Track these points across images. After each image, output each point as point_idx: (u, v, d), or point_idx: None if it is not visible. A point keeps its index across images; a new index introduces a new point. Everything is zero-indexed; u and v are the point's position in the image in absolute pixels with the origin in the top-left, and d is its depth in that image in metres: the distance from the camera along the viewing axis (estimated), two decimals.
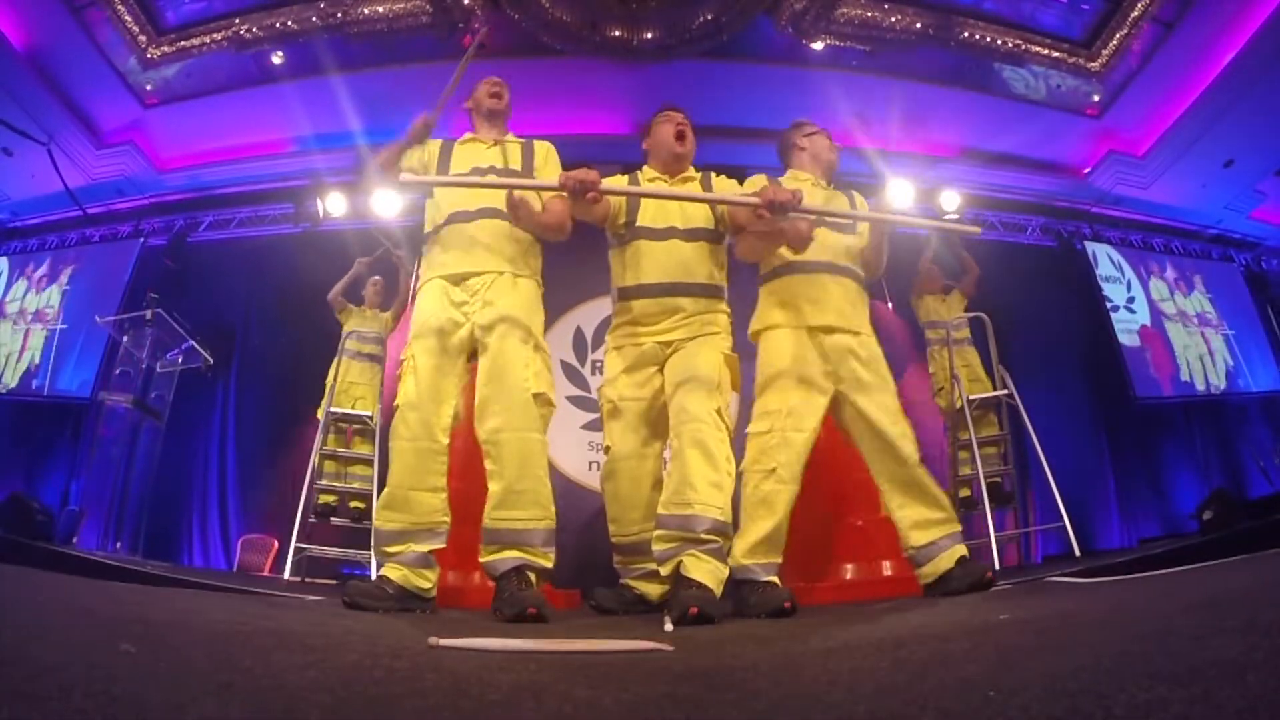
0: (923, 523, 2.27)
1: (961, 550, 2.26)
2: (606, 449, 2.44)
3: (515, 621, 1.81)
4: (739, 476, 2.27)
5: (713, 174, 2.63)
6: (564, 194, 2.15)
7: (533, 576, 1.98)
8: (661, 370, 2.38)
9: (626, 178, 2.60)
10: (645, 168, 2.64)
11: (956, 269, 5.30)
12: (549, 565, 2.02)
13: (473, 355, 2.22)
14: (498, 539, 2.01)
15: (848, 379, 2.35)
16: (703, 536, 2.01)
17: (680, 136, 2.55)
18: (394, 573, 2.03)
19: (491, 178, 2.30)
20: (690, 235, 2.42)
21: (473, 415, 2.15)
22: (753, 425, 2.34)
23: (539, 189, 2.24)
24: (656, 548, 2.10)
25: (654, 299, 2.37)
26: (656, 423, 2.38)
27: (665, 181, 2.55)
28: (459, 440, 2.22)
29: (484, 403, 2.09)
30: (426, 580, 2.05)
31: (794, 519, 2.27)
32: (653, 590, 2.40)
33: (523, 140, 2.46)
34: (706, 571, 1.99)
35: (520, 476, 2.02)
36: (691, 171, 2.62)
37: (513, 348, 2.11)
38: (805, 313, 2.40)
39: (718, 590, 2.00)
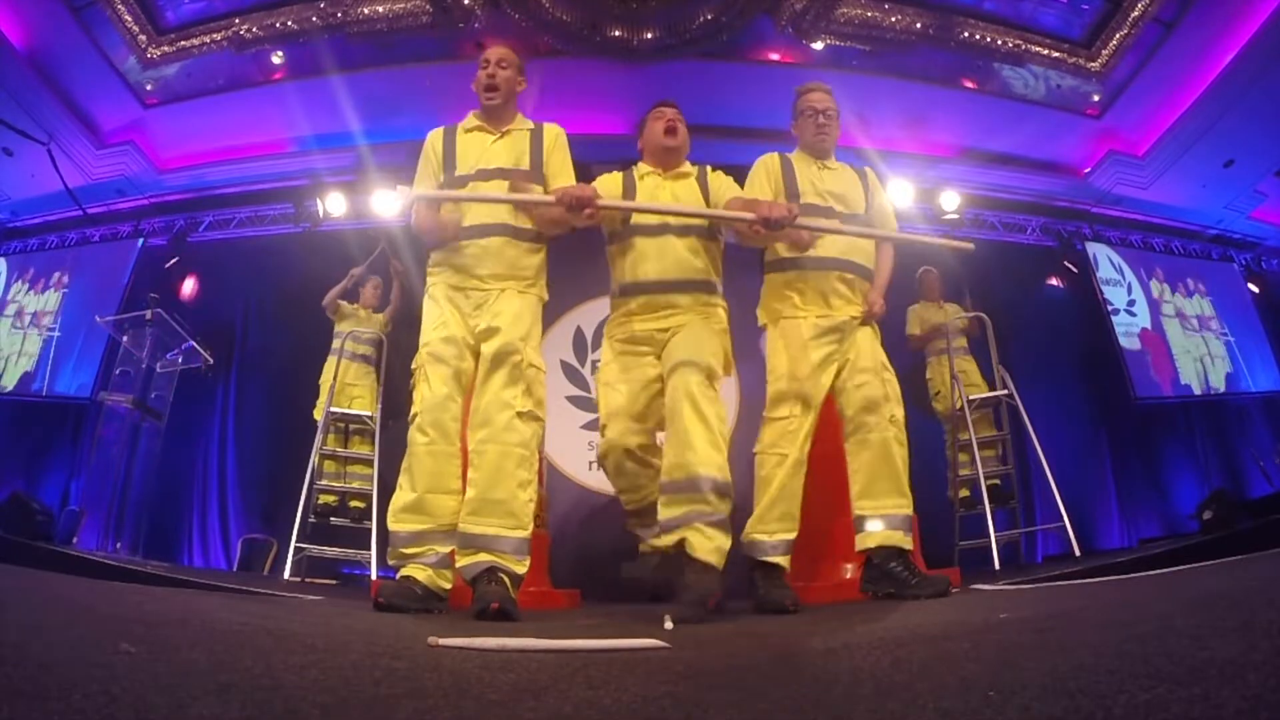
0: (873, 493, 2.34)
1: (903, 540, 2.32)
2: (602, 429, 2.43)
3: (481, 619, 1.81)
4: (753, 457, 2.38)
5: (708, 168, 2.62)
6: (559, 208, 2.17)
7: (505, 579, 1.99)
8: (657, 356, 2.38)
9: (622, 175, 2.60)
10: (640, 164, 2.64)
11: (960, 277, 5.31)
12: (520, 572, 2.03)
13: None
14: (469, 543, 2.03)
15: (848, 351, 2.42)
16: (709, 499, 2.04)
17: (670, 131, 2.55)
18: (420, 573, 2.05)
19: (495, 186, 2.28)
20: (684, 231, 2.43)
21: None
22: (772, 410, 2.39)
23: (535, 203, 2.24)
24: (664, 515, 2.12)
25: (651, 295, 2.40)
26: (649, 406, 2.37)
27: (659, 176, 2.55)
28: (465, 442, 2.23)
29: (473, 414, 2.15)
30: (447, 581, 2.09)
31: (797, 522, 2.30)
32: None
33: (531, 128, 2.40)
34: (712, 549, 2.03)
35: (494, 486, 2.03)
36: (687, 166, 2.61)
37: (504, 368, 2.13)
38: (816, 307, 2.44)
39: (720, 563, 2.04)
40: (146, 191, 6.56)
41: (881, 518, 2.31)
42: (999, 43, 5.60)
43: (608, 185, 2.52)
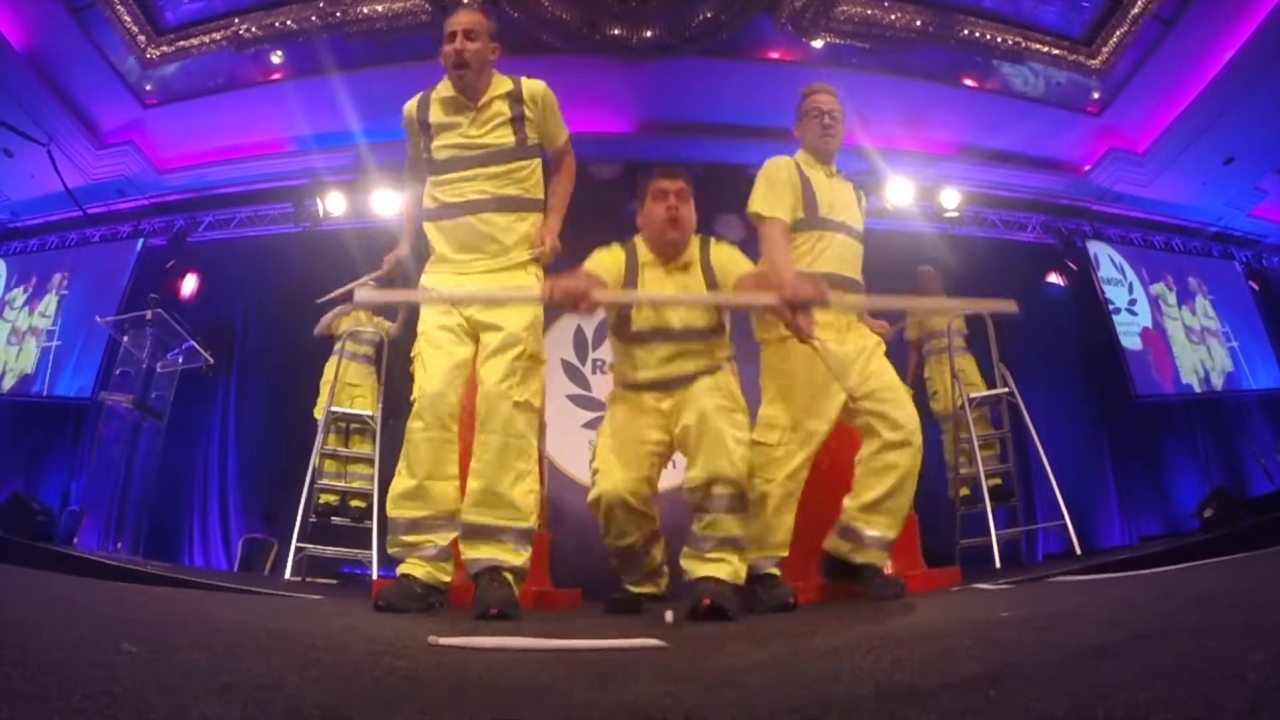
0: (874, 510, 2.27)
1: (885, 560, 2.28)
2: (594, 475, 2.30)
3: (482, 620, 1.81)
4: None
5: (711, 242, 2.43)
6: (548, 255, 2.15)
7: (509, 576, 1.98)
8: (661, 427, 2.28)
9: (624, 254, 2.40)
10: (640, 243, 2.44)
11: (959, 276, 5.32)
12: (521, 564, 2.02)
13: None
14: (473, 534, 2.02)
15: (857, 385, 2.31)
16: (719, 515, 2.02)
17: (674, 222, 2.32)
18: (418, 569, 2.04)
19: (478, 174, 2.17)
20: (687, 336, 2.30)
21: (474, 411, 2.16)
22: (759, 434, 2.29)
23: (519, 300, 2.12)
24: (695, 529, 2.10)
25: (656, 392, 2.32)
26: (646, 461, 2.27)
27: (662, 269, 2.38)
28: (467, 433, 2.21)
29: (476, 405, 2.12)
30: (447, 574, 2.08)
31: (795, 519, 2.29)
32: (655, 588, 2.48)
33: (510, 89, 2.22)
34: (728, 574, 2.02)
35: (496, 478, 2.02)
36: (692, 250, 2.40)
37: (503, 359, 2.09)
38: (822, 328, 2.28)
39: (735, 581, 2.03)
40: (146, 192, 6.56)
41: (877, 539, 2.26)
42: (999, 40, 5.60)
43: (607, 266, 2.35)
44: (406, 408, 2.20)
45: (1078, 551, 3.84)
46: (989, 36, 5.57)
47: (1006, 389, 4.23)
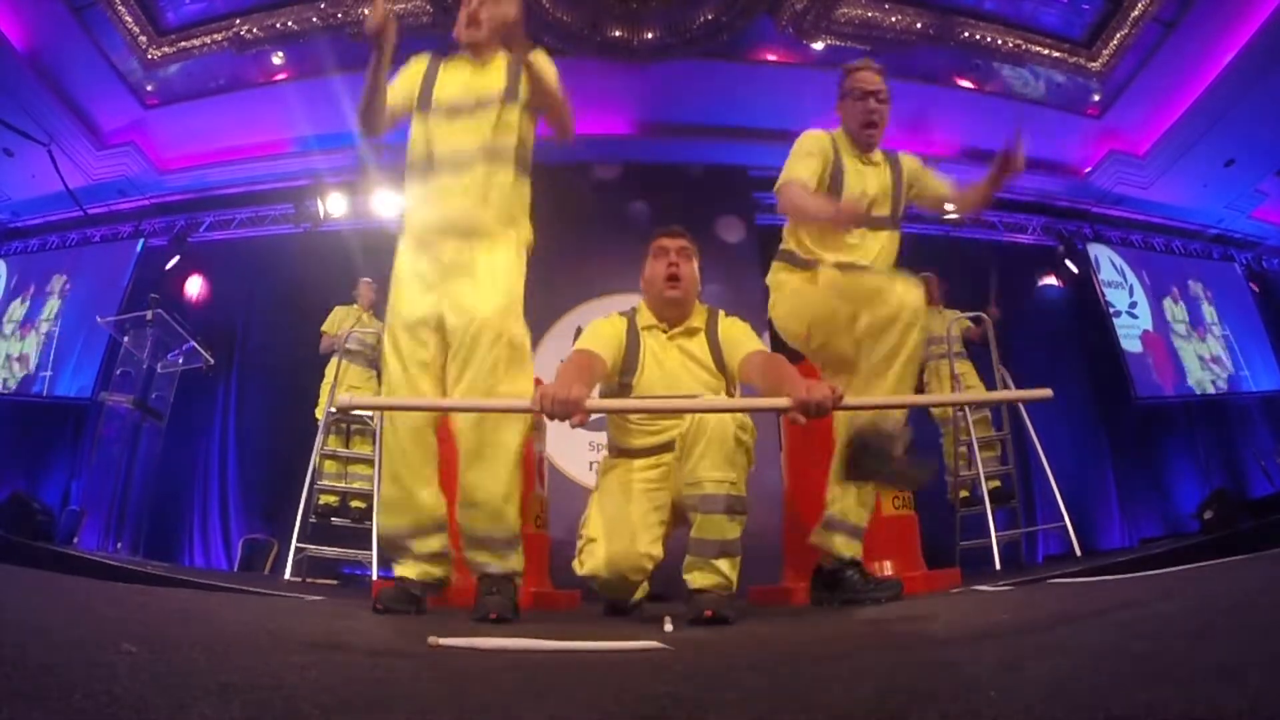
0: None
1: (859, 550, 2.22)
2: (589, 542, 2.14)
3: (481, 622, 1.81)
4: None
5: (720, 315, 2.30)
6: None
7: (511, 582, 1.93)
8: (659, 485, 2.17)
9: (625, 326, 2.27)
10: (642, 308, 2.33)
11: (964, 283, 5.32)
12: (514, 569, 1.95)
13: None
14: (464, 534, 1.95)
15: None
16: (716, 519, 1.87)
17: (673, 280, 2.21)
18: (411, 570, 1.98)
19: (472, 117, 2.03)
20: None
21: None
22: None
23: (508, 411, 1.88)
24: (694, 533, 1.94)
25: (653, 457, 2.21)
26: (651, 523, 2.12)
27: (664, 333, 2.27)
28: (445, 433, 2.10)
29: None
30: (441, 568, 2.01)
31: (794, 519, 2.28)
32: (645, 589, 2.44)
33: (510, 61, 2.11)
34: (712, 585, 1.90)
35: (476, 486, 1.90)
36: (696, 318, 2.28)
37: (478, 352, 1.89)
38: (844, 250, 2.24)
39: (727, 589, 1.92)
40: (147, 192, 6.57)
41: (853, 530, 2.17)
42: (999, 42, 5.61)
43: (606, 338, 2.20)
44: None
45: (1078, 553, 3.84)
46: (989, 39, 5.59)
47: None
